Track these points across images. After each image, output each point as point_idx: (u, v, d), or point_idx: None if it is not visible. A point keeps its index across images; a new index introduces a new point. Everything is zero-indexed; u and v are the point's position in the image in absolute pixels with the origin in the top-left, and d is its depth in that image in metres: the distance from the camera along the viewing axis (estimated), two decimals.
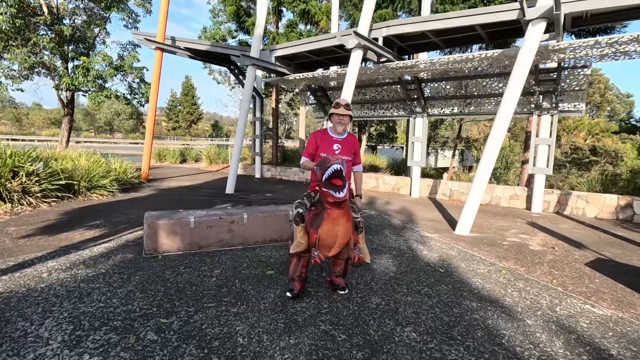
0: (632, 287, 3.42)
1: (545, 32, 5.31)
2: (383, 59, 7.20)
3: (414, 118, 9.10)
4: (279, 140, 17.72)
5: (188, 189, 9.19)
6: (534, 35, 4.71)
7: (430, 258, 4.13)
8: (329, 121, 2.99)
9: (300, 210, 2.69)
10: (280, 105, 20.35)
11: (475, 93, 8.27)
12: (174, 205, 6.74)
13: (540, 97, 7.37)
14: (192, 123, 48.67)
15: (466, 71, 7.72)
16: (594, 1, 4.69)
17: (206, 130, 58.01)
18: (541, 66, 6.87)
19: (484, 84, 8.05)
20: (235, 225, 4.22)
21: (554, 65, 6.79)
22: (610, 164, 11.56)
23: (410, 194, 9.49)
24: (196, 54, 10.15)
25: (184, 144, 29.68)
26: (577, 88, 7.03)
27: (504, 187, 8.41)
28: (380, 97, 9.88)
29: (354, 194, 3.16)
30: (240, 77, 11.65)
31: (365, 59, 7.11)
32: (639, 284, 3.53)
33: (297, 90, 20.36)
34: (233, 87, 22.95)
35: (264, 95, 13.59)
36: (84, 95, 13.54)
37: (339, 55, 8.74)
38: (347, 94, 6.58)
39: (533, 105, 7.73)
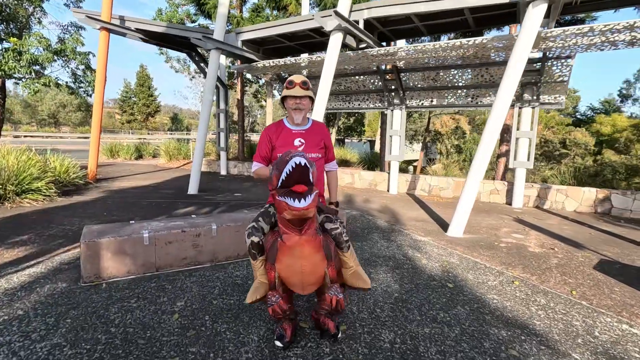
0: None
1: None
2: (362, 45, 6.60)
3: (392, 110, 8.63)
4: (245, 134, 16.73)
5: (144, 190, 8.12)
6: (534, 19, 4.31)
7: (433, 269, 3.61)
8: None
9: (256, 239, 1.91)
10: (244, 97, 19.25)
11: (456, 84, 7.92)
12: (125, 211, 5.76)
13: (522, 88, 7.13)
14: (149, 116, 45.65)
15: (448, 61, 7.32)
16: None
17: (165, 124, 54.84)
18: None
19: (464, 75, 7.71)
20: (202, 239, 3.45)
21: (539, 55, 6.55)
22: (580, 157, 11.90)
23: (388, 190, 9.05)
24: (150, 37, 8.97)
25: (140, 139, 27.55)
26: (559, 80, 6.85)
27: (484, 181, 8.19)
28: (356, 88, 9.30)
29: (330, 200, 2.41)
30: (202, 64, 10.58)
31: (343, 45, 6.46)
32: None
33: (263, 80, 19.37)
34: (193, 77, 21.48)
35: (227, 86, 12.59)
36: (17, 83, 11.79)
37: (314, 41, 8.02)
38: (325, 84, 5.91)
39: (514, 97, 7.50)
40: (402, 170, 14.44)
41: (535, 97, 7.14)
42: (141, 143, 19.36)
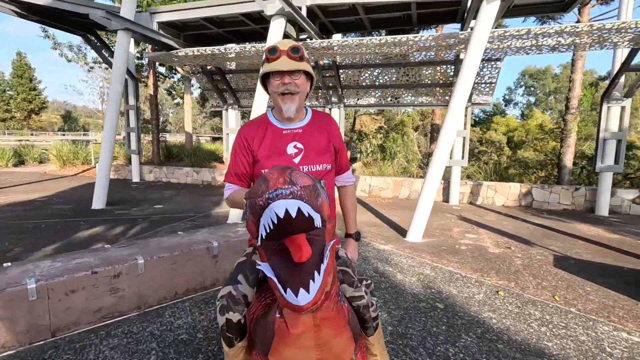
0: (626, 294, 3.14)
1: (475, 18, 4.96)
2: (303, 36, 6.01)
3: (330, 108, 8.23)
4: (160, 135, 14.85)
5: (27, 206, 6.33)
6: (488, 16, 4.23)
7: (413, 286, 3.20)
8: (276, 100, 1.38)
9: (235, 318, 1.18)
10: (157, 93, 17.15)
11: (396, 83, 7.84)
12: None
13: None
14: (31, 113, 38.40)
15: (390, 59, 7.16)
16: None
17: (54, 123, 46.82)
18: (462, 56, 6.75)
19: (406, 73, 7.66)
20: (123, 280, 2.48)
21: None
22: (496, 154, 13.11)
23: None
24: (30, 12, 7.06)
25: (20, 140, 22.65)
26: (489, 81, 7.19)
27: (422, 181, 8.29)
28: None
29: (347, 231, 1.64)
30: (104, 51, 8.82)
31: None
32: (623, 286, 3.30)
33: (178, 75, 17.45)
34: (92, 69, 18.42)
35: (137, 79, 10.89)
36: None
37: (246, 29, 7.14)
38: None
39: (448, 97, 7.70)
40: None
41: (469, 97, 7.39)
42: (22, 146, 15.91)
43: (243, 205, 1.23)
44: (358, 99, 8.28)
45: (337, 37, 7.71)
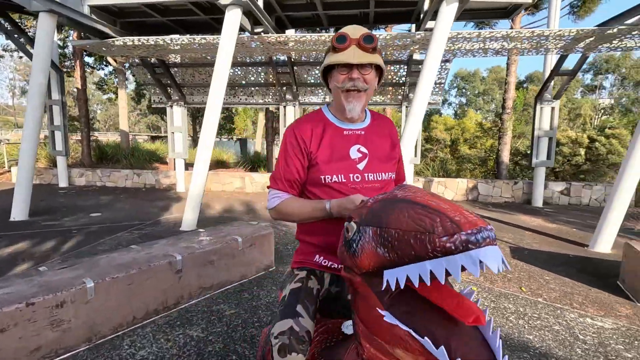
0: (579, 280, 3.41)
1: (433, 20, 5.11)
2: (259, 29, 5.70)
3: (284, 106, 7.99)
4: (91, 133, 13.38)
5: None
6: (448, 16, 4.33)
7: None
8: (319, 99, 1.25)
9: (299, 352, 0.97)
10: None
11: None
12: None
13: (409, 88, 7.54)
14: None
15: None
16: None
17: None
18: (415, 56, 6.94)
19: None
20: (68, 310, 2.06)
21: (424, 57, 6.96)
22: (441, 151, 13.85)
23: None
24: None
25: None
26: (438, 82, 7.49)
27: None
28: (243, 80, 8.25)
29: None
30: (18, 35, 7.60)
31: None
32: (574, 273, 3.58)
33: (110, 68, 15.83)
34: (1, 57, 15.95)
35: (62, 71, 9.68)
36: None
37: (194, 19, 6.57)
38: (222, 74, 4.76)
39: (401, 97, 7.90)
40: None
41: None
42: None
43: (308, 209, 1.14)
44: (312, 97, 8.15)
45: (290, 32, 7.48)
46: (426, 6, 5.08)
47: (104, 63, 14.82)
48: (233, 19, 4.70)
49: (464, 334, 0.65)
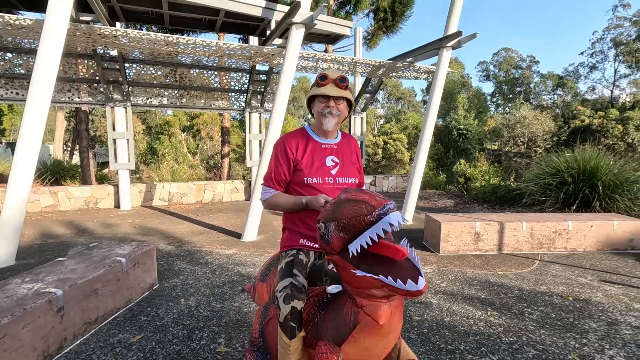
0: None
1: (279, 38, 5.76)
2: (87, 17, 4.86)
3: (112, 107, 6.97)
4: None
5: None
6: (298, 38, 4.98)
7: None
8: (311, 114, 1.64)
9: (299, 305, 1.32)
10: None
11: (191, 85, 7.56)
12: None
13: (252, 95, 7.98)
14: None
15: (187, 59, 6.85)
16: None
17: None
18: (258, 67, 7.41)
19: (203, 76, 7.53)
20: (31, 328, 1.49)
21: (267, 68, 7.55)
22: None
23: (119, 206, 7.33)
24: None
25: None
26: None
27: (224, 182, 8.49)
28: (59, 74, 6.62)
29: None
30: None
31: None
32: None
33: None
34: None
35: None
36: None
37: None
38: (52, 61, 3.84)
39: (243, 103, 8.24)
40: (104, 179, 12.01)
41: (259, 105, 8.22)
42: None
43: (289, 202, 1.53)
44: (147, 98, 7.41)
45: (119, 26, 6.59)
46: (273, 25, 5.63)
47: None
48: (58, 4, 3.90)
49: (402, 266, 1.14)
